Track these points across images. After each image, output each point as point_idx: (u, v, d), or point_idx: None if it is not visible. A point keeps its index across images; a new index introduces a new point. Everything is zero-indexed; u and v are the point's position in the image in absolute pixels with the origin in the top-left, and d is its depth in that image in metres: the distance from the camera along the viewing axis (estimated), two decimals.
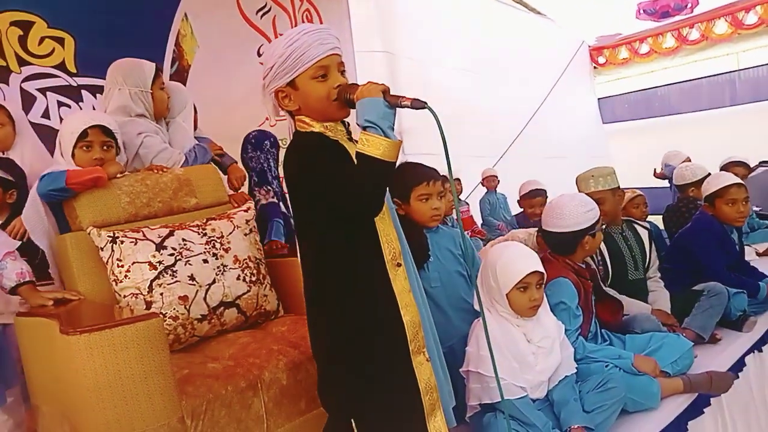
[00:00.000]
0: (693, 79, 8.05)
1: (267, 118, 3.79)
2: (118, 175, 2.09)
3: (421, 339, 1.49)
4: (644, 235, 2.74)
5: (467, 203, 5.98)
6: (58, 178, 1.94)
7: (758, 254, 3.80)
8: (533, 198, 4.44)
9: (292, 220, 2.01)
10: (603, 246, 2.53)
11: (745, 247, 3.24)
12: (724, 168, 4.19)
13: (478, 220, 6.06)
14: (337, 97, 1.42)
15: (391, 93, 1.37)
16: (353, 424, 1.42)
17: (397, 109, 1.38)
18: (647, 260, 2.72)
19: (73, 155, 2.07)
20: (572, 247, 2.23)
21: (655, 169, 5.31)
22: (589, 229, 2.21)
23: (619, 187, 2.70)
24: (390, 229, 1.49)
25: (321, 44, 1.41)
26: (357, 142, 1.41)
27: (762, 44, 7.39)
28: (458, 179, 5.73)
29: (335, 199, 1.36)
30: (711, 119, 7.84)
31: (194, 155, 2.50)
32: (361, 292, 1.44)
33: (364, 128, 1.33)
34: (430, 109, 1.35)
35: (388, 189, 1.46)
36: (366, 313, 1.43)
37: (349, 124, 1.58)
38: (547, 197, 4.29)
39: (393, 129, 1.35)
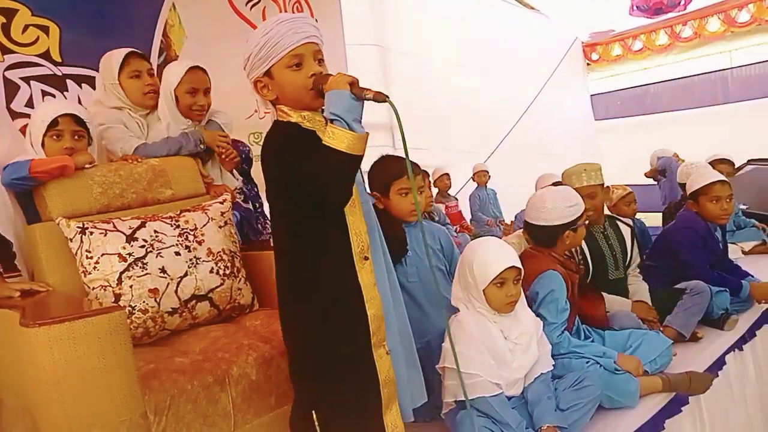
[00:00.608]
0: (685, 77, 8.06)
1: (256, 110, 3.76)
2: (87, 166, 2.04)
3: (383, 333, 1.51)
4: (626, 233, 2.72)
5: (456, 198, 5.96)
6: (22, 167, 1.90)
7: (744, 253, 3.81)
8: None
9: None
10: (584, 244, 2.51)
11: (732, 246, 3.24)
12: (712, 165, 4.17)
13: (468, 216, 6.05)
14: (312, 87, 1.43)
15: (360, 85, 1.37)
16: (314, 415, 1.44)
17: (369, 101, 1.38)
18: (628, 259, 2.70)
19: (43, 144, 2.02)
20: (552, 240, 2.22)
21: (646, 173, 5.29)
22: (571, 224, 2.20)
23: (604, 183, 2.70)
24: (360, 222, 1.50)
25: (295, 33, 1.42)
26: None
27: (754, 42, 7.39)
28: (447, 174, 5.71)
29: (303, 189, 1.38)
30: (703, 117, 7.84)
31: (161, 145, 2.40)
32: (327, 283, 1.45)
33: (331, 120, 1.34)
34: (391, 104, 1.36)
35: (367, 182, 1.46)
36: (330, 304, 1.45)
37: None
38: None
39: (360, 121, 1.36)
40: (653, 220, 4.78)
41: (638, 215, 3.83)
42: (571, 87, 8.66)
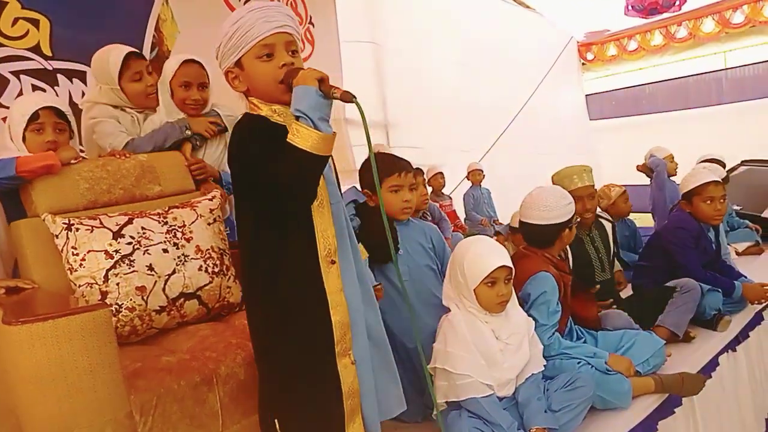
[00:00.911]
0: (680, 77, 8.05)
1: None
2: (73, 161, 2.01)
3: (349, 341, 1.44)
4: (609, 229, 2.72)
5: (450, 197, 5.94)
6: (8, 165, 1.86)
7: (738, 254, 3.81)
8: None
9: None
10: (568, 248, 2.50)
11: (726, 247, 3.23)
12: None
13: (462, 215, 6.03)
14: (282, 80, 1.37)
15: (330, 83, 1.32)
16: (276, 425, 1.40)
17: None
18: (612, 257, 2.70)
19: (24, 139, 1.99)
20: (552, 239, 2.20)
21: (638, 166, 5.23)
22: (569, 222, 2.20)
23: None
24: (327, 223, 1.43)
25: (266, 22, 1.36)
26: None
27: (749, 43, 7.40)
28: (441, 173, 5.69)
29: (262, 184, 1.33)
30: (698, 118, 7.84)
31: (147, 138, 2.38)
32: (289, 286, 1.39)
33: (297, 117, 1.29)
34: (358, 105, 1.30)
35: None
36: (292, 310, 1.39)
37: None
38: None
39: (327, 120, 1.30)
40: (645, 220, 4.78)
41: (630, 216, 3.83)
42: (567, 86, 8.65)
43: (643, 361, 2.15)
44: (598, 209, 2.78)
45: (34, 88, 3.15)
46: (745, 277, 2.98)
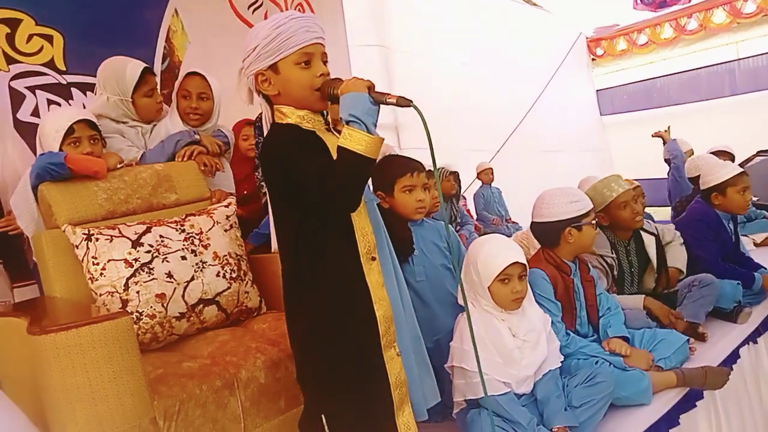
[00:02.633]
0: (692, 70, 7.98)
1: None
2: (119, 165, 2.09)
3: (393, 334, 1.48)
4: (651, 243, 2.64)
5: (464, 197, 5.93)
6: (57, 155, 1.93)
7: (756, 245, 3.76)
8: None
9: None
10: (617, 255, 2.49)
11: (743, 238, 3.20)
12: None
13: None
14: (320, 89, 1.42)
15: (377, 90, 1.36)
16: (323, 420, 1.41)
17: (391, 105, 1.37)
18: (653, 269, 2.64)
19: None
20: (555, 238, 2.18)
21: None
22: (573, 220, 2.15)
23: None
24: (365, 222, 1.48)
25: (307, 31, 1.40)
26: (335, 132, 1.42)
27: (761, 33, 7.32)
28: (456, 172, 5.67)
29: (310, 193, 1.35)
30: (710, 109, 7.77)
31: (158, 149, 2.43)
32: (334, 285, 1.42)
33: (347, 122, 1.32)
34: (416, 108, 1.34)
35: (370, 182, 1.45)
36: (338, 307, 1.42)
37: (327, 113, 1.55)
38: None
39: (376, 126, 1.34)
40: (662, 214, 4.74)
41: (647, 209, 3.80)
42: (577, 83, 8.60)
43: (665, 357, 2.12)
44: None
45: (49, 102, 3.19)
46: (765, 268, 2.94)
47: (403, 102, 1.34)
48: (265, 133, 1.52)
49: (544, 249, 2.22)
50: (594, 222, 2.17)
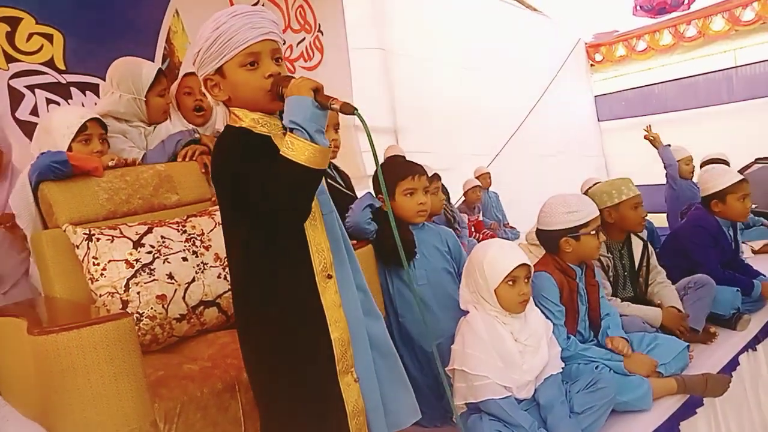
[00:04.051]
0: (690, 76, 7.99)
1: None
2: (111, 163, 2.08)
3: (350, 358, 1.37)
4: (638, 248, 2.63)
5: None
6: (59, 153, 1.93)
7: (754, 252, 3.77)
8: None
9: None
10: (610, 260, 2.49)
11: (741, 245, 3.20)
12: (705, 165, 4.18)
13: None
14: (270, 89, 1.30)
15: (324, 93, 1.25)
16: None
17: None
18: (640, 272, 2.63)
19: (69, 149, 2.05)
20: (553, 246, 2.19)
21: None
22: (569, 230, 2.15)
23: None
24: (321, 237, 1.36)
25: (252, 28, 1.27)
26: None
27: (759, 41, 7.34)
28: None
29: (253, 203, 1.25)
30: (708, 116, 7.78)
31: (158, 149, 2.43)
32: (285, 304, 1.32)
33: (290, 129, 1.21)
34: (359, 116, 1.24)
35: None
36: (289, 328, 1.32)
37: None
38: None
39: (323, 132, 1.24)
40: (658, 220, 4.73)
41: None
42: (575, 88, 8.61)
43: (665, 363, 2.12)
44: None
45: (48, 101, 3.19)
46: (764, 275, 2.95)
47: (347, 109, 1.23)
48: None
49: (551, 254, 2.22)
50: (594, 232, 2.15)
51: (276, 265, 1.32)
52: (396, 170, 2.05)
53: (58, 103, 3.21)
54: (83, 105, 3.27)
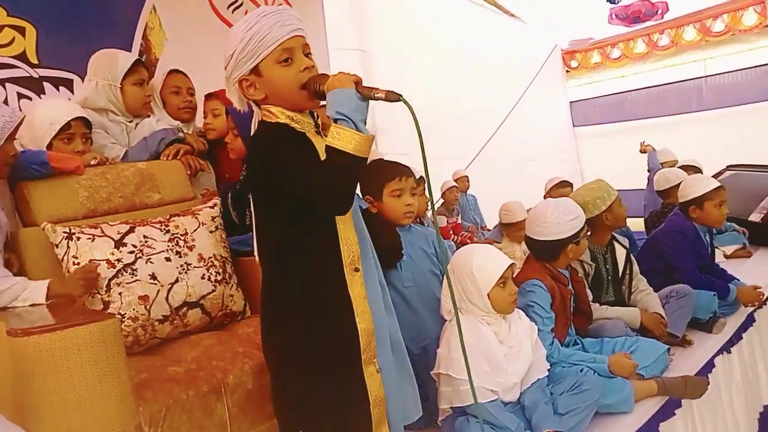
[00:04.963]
0: (662, 84, 8.19)
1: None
2: (93, 162, 2.04)
3: (374, 349, 1.41)
4: (621, 254, 2.66)
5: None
6: (39, 154, 1.88)
7: (726, 257, 3.85)
8: (563, 188, 4.39)
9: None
10: (585, 266, 2.51)
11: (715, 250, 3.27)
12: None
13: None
14: (305, 86, 1.34)
15: (364, 84, 1.30)
16: None
17: (371, 108, 1.31)
18: (623, 280, 2.66)
19: (50, 147, 1.99)
20: (555, 254, 2.20)
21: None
22: (573, 237, 2.18)
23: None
24: (351, 231, 1.41)
25: (282, 26, 1.31)
26: (324, 136, 1.35)
27: (728, 52, 7.56)
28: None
29: (299, 195, 1.28)
30: (679, 124, 7.97)
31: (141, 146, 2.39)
32: (315, 295, 1.36)
33: (335, 120, 1.25)
34: (405, 102, 1.27)
35: (359, 187, 1.40)
36: (318, 319, 1.36)
37: (318, 117, 1.50)
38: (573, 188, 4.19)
39: (365, 122, 1.28)
40: (635, 225, 4.82)
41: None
42: (551, 94, 8.75)
43: (646, 366, 2.15)
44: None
45: (20, 96, 3.11)
46: (738, 280, 3.02)
47: (393, 96, 1.27)
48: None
49: (541, 262, 2.23)
50: (588, 233, 2.19)
51: (309, 257, 1.36)
52: (383, 171, 2.03)
53: (29, 98, 3.13)
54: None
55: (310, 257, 1.36)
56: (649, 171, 4.78)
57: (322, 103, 1.35)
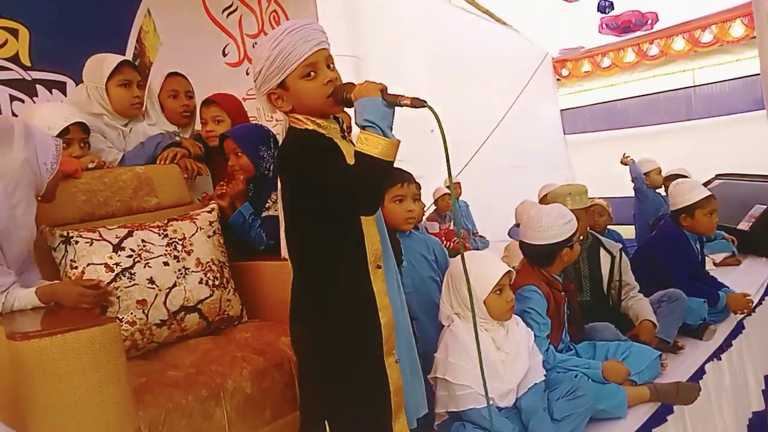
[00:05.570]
0: (651, 94, 8.26)
1: None
2: (90, 165, 2.05)
3: (393, 341, 1.51)
4: (606, 260, 2.68)
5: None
6: None
7: (715, 264, 3.89)
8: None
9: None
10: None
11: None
12: (667, 180, 4.33)
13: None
14: (331, 95, 1.42)
15: (389, 92, 1.36)
16: (326, 425, 1.43)
17: (405, 107, 1.36)
18: (604, 283, 2.68)
19: None
20: (551, 259, 2.22)
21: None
22: (567, 241, 2.20)
23: (591, 206, 2.71)
24: (374, 230, 1.50)
25: (305, 42, 1.39)
26: (351, 141, 1.45)
27: (717, 62, 7.64)
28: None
29: (329, 198, 1.37)
30: (667, 133, 8.04)
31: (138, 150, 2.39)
32: (342, 291, 1.46)
33: (363, 127, 1.33)
34: (431, 108, 1.34)
35: None
36: (345, 313, 1.45)
37: (343, 122, 1.57)
38: None
39: (391, 128, 1.36)
40: (628, 233, 4.86)
41: (612, 227, 3.91)
42: (542, 102, 8.80)
43: (639, 372, 2.18)
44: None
45: (12, 98, 3.08)
46: (728, 287, 3.06)
47: (418, 103, 1.34)
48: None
49: (536, 267, 2.25)
50: (581, 237, 2.21)
51: (337, 256, 1.45)
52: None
53: (22, 101, 3.11)
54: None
55: (337, 255, 1.45)
56: (633, 181, 4.84)
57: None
